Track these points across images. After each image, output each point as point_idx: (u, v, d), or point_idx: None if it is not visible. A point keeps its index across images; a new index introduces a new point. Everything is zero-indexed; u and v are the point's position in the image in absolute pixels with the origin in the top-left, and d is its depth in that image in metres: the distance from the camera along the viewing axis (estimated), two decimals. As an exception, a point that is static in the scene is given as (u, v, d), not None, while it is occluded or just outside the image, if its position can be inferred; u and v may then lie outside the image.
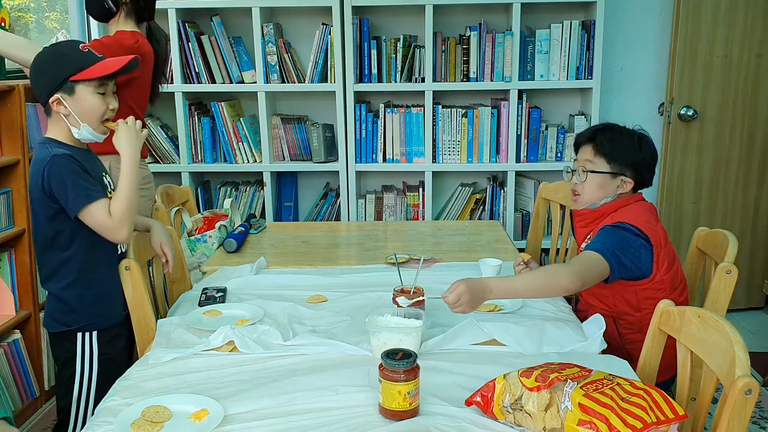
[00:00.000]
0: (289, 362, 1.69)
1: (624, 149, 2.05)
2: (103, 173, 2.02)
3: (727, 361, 1.35)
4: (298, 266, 2.47)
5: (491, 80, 3.54)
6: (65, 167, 1.83)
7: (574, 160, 2.16)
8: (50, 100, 1.87)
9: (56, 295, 1.95)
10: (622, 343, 2.03)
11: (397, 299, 1.88)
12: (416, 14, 3.59)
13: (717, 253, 2.05)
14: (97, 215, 1.83)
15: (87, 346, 1.94)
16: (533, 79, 3.56)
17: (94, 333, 1.95)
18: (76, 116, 1.87)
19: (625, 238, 1.93)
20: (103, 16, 2.60)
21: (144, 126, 1.97)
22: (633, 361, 1.69)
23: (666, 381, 1.82)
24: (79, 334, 1.94)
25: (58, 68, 1.86)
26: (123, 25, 2.61)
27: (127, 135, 1.91)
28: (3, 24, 2.35)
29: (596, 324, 1.81)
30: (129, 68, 1.93)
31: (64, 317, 1.94)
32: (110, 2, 2.56)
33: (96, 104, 1.89)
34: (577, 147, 2.16)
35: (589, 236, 2.08)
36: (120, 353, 2.03)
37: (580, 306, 2.18)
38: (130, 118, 1.94)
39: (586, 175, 2.09)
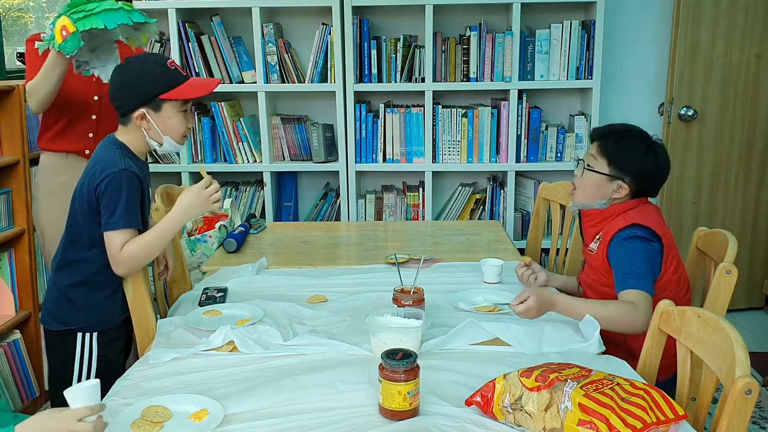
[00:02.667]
0: (289, 362, 1.69)
1: (627, 156, 2.01)
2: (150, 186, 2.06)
3: (727, 361, 1.35)
4: (298, 266, 2.47)
5: (491, 80, 3.54)
6: (127, 185, 1.85)
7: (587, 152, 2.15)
8: (135, 114, 1.89)
9: (62, 291, 1.95)
10: (625, 339, 2.04)
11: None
12: (416, 14, 3.59)
13: (717, 253, 2.05)
14: (113, 242, 1.85)
15: (86, 347, 1.94)
16: (533, 79, 3.56)
17: (94, 334, 1.95)
18: (159, 131, 1.91)
19: (645, 250, 1.92)
20: None
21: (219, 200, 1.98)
22: (635, 358, 1.70)
23: (665, 380, 1.82)
24: (79, 335, 1.94)
25: (148, 84, 1.88)
26: None
27: (195, 197, 1.91)
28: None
29: (591, 325, 1.81)
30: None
31: (65, 316, 1.94)
32: None
33: (179, 122, 1.93)
34: (592, 140, 2.14)
35: (598, 237, 2.06)
36: (117, 355, 2.03)
37: None
38: (214, 185, 1.94)
39: (583, 172, 2.07)
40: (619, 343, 2.02)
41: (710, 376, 1.45)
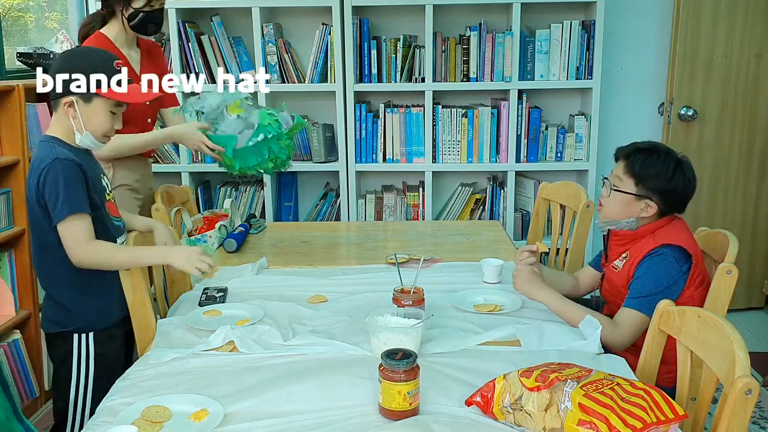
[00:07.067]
0: (289, 362, 1.69)
1: (655, 175, 2.00)
2: (102, 174, 2.02)
3: (727, 361, 1.35)
4: (298, 266, 2.47)
5: (491, 80, 3.54)
6: (63, 172, 1.80)
7: (612, 170, 2.14)
8: (64, 100, 1.84)
9: (52, 296, 1.95)
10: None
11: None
12: (416, 14, 3.59)
13: (717, 253, 2.05)
14: (69, 233, 1.80)
15: (83, 347, 1.94)
16: (533, 79, 3.56)
17: (90, 334, 1.95)
18: (83, 124, 1.85)
19: (668, 272, 1.93)
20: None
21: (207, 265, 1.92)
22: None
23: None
24: (75, 335, 1.94)
25: (84, 74, 1.82)
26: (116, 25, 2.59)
27: (189, 251, 1.91)
28: None
29: (592, 325, 1.81)
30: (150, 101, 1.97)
31: (59, 318, 1.94)
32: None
33: (105, 121, 1.88)
34: (616, 159, 2.14)
35: (624, 255, 2.07)
36: (116, 354, 2.02)
37: None
38: (209, 259, 1.90)
39: (610, 192, 2.07)
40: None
41: (710, 376, 1.45)
